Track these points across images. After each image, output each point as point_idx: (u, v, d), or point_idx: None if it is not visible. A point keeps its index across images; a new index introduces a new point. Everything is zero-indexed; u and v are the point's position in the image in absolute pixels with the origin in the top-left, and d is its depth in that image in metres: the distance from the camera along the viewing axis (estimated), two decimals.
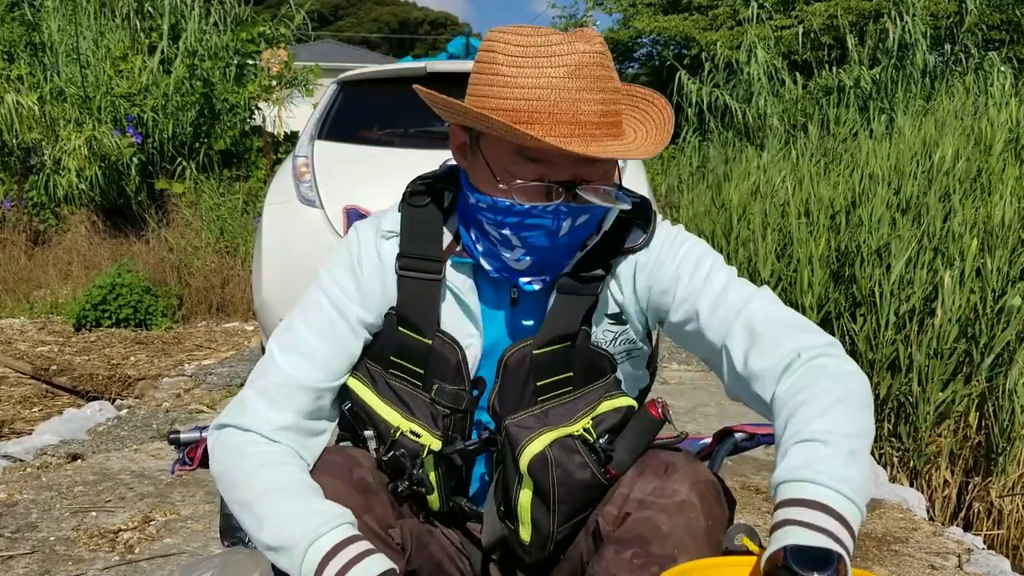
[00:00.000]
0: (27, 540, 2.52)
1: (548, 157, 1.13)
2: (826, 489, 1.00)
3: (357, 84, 4.49)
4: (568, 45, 1.11)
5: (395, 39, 43.51)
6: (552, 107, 1.10)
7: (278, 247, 4.01)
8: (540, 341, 1.24)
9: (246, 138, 9.04)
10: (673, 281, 1.26)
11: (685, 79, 11.41)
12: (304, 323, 1.28)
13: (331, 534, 1.09)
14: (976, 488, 3.77)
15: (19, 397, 4.65)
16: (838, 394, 1.09)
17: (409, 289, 1.26)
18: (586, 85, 1.11)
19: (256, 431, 1.22)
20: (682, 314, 1.25)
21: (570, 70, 1.10)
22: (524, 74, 1.11)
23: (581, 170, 1.15)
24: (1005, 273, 3.99)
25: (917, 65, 9.93)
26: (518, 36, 1.13)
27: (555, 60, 1.10)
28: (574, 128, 1.11)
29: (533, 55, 1.11)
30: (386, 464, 1.26)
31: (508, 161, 1.16)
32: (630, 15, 17.65)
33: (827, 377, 1.11)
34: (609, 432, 1.26)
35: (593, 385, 1.28)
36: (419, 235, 1.27)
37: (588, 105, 1.11)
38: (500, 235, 1.20)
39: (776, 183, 5.91)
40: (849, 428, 1.05)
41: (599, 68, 1.12)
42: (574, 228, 1.19)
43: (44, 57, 8.79)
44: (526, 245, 1.20)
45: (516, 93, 1.11)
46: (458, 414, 1.25)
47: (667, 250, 1.28)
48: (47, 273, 7.69)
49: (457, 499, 1.32)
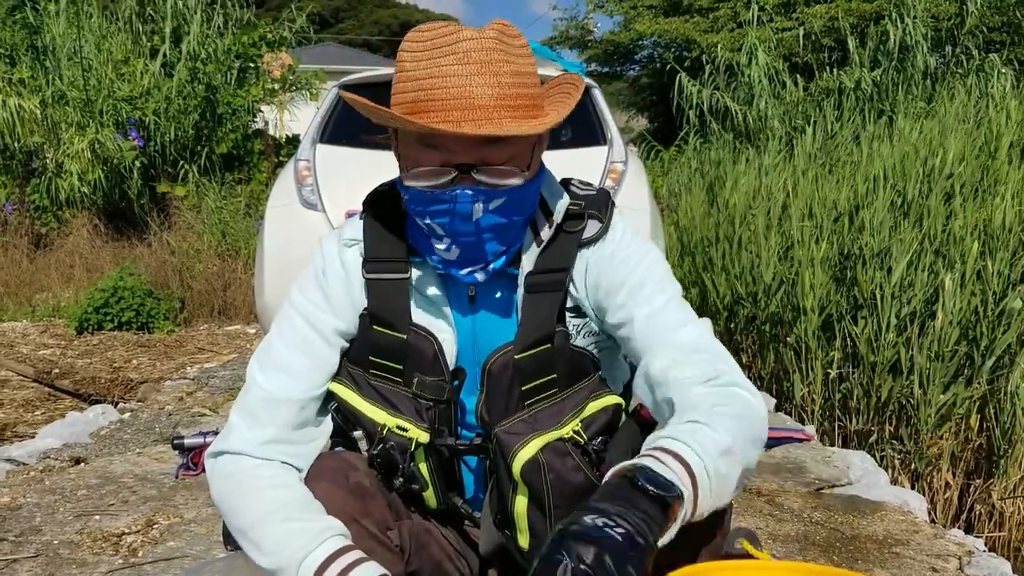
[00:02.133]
0: (31, 543, 2.53)
1: (445, 143, 1.16)
2: (693, 454, 1.02)
3: (358, 88, 4.49)
4: (459, 33, 1.15)
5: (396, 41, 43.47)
6: (444, 94, 1.13)
7: (280, 250, 4.02)
8: (520, 345, 1.25)
9: (248, 141, 9.06)
10: (618, 284, 1.27)
11: (686, 81, 11.41)
12: (280, 340, 1.31)
13: (320, 548, 1.11)
14: (977, 490, 3.77)
15: (21, 400, 4.66)
16: (741, 421, 1.10)
17: (378, 290, 1.29)
18: (476, 70, 1.14)
19: (243, 452, 1.24)
20: (618, 318, 1.26)
21: (459, 57, 1.14)
22: (420, 66, 1.16)
23: (485, 153, 1.17)
24: (1006, 276, 3.99)
25: (918, 67, 9.92)
26: (419, 32, 1.19)
27: (446, 50, 1.14)
28: (467, 112, 1.13)
29: (429, 47, 1.15)
30: (377, 461, 1.27)
31: (415, 151, 1.20)
32: (631, 18, 17.65)
33: (737, 401, 1.13)
34: (600, 433, 1.27)
35: (578, 385, 1.29)
36: (381, 238, 1.30)
37: (480, 88, 1.13)
38: (425, 226, 1.23)
39: (775, 186, 5.91)
40: (736, 436, 1.07)
41: (490, 53, 1.15)
42: (491, 212, 1.20)
43: (46, 60, 8.81)
44: (447, 232, 1.22)
45: (412, 84, 1.16)
46: (441, 404, 1.27)
47: (618, 252, 1.29)
48: (49, 276, 7.69)
49: (453, 497, 1.33)
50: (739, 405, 1.12)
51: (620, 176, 4.21)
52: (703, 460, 1.02)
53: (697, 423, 1.06)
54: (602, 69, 19.97)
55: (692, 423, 1.07)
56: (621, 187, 4.15)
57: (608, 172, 4.20)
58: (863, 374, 4.16)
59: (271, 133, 9.79)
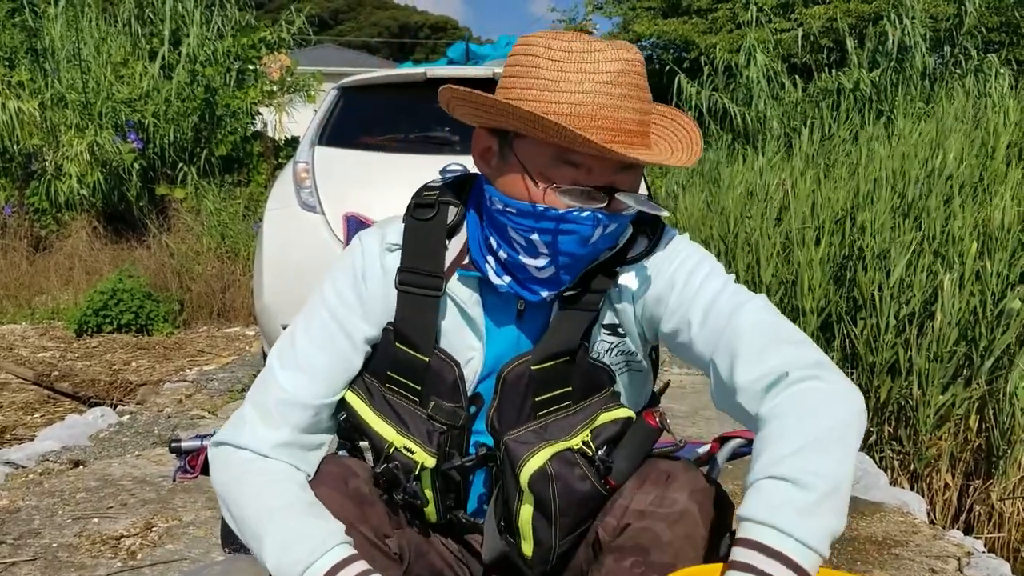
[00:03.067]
0: (30, 546, 2.53)
1: (587, 162, 1.13)
2: (790, 540, 0.99)
3: (357, 90, 4.50)
4: (612, 52, 1.11)
5: (395, 43, 43.55)
6: (594, 111, 1.10)
7: (279, 252, 4.02)
8: (538, 356, 1.23)
9: (247, 143, 9.06)
10: (667, 289, 1.24)
11: (685, 82, 11.42)
12: (306, 337, 1.27)
13: (326, 557, 1.10)
14: (977, 491, 3.77)
15: (21, 403, 4.66)
16: (820, 428, 1.05)
17: (407, 305, 1.25)
18: (627, 92, 1.11)
19: (251, 449, 1.23)
20: (674, 323, 1.24)
21: (613, 76, 1.10)
22: (567, 78, 1.11)
23: (616, 177, 1.15)
24: (1005, 276, 4.00)
25: (917, 67, 9.94)
26: (560, 41, 1.13)
27: (599, 66, 1.10)
28: (615, 134, 1.11)
29: (576, 60, 1.11)
30: (382, 479, 1.26)
31: (544, 165, 1.15)
32: (630, 19, 17.66)
33: (812, 406, 1.08)
34: (608, 443, 1.25)
35: (592, 398, 1.27)
36: (421, 249, 1.26)
37: (628, 113, 1.12)
38: (527, 240, 1.19)
39: (772, 186, 5.91)
40: (826, 466, 1.03)
41: (639, 77, 1.13)
42: (605, 235, 1.19)
43: (45, 63, 8.81)
44: (553, 251, 1.18)
45: (559, 97, 1.10)
46: (454, 431, 1.25)
47: (664, 258, 1.27)
48: (48, 279, 7.69)
49: (455, 513, 1.32)
50: (815, 411, 1.07)
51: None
52: (804, 543, 0.99)
53: (782, 482, 1.02)
54: None
55: (776, 482, 1.02)
56: None
57: None
58: (862, 375, 4.16)
59: (270, 135, 9.79)
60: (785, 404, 1.08)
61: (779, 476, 1.02)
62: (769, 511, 1.01)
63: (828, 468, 1.03)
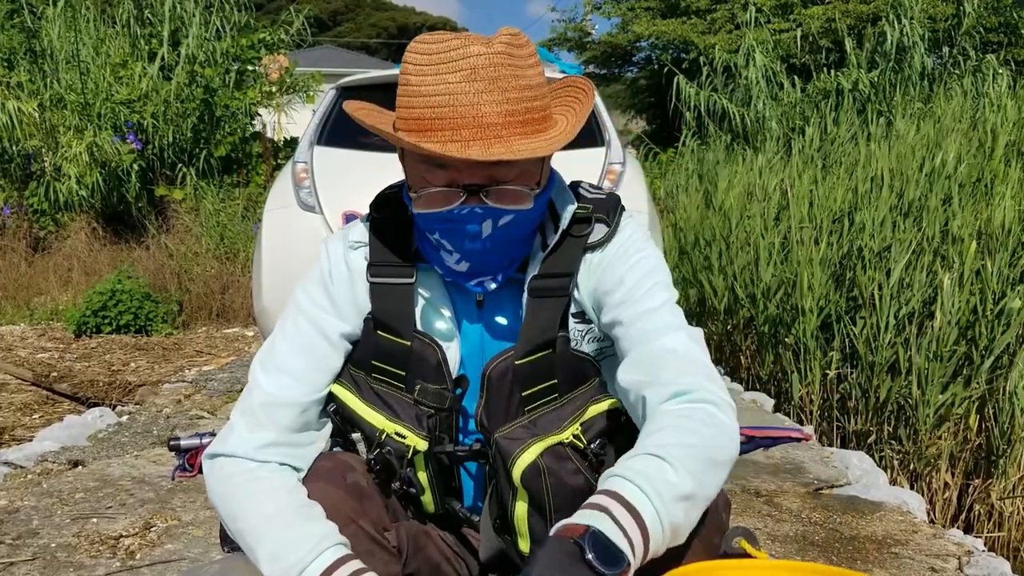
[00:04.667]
0: (28, 547, 2.52)
1: (455, 163, 1.15)
2: (651, 508, 1.01)
3: (356, 90, 4.49)
4: (464, 49, 1.12)
5: (393, 44, 43.56)
6: (452, 112, 1.11)
7: (278, 252, 4.01)
8: (521, 351, 1.24)
9: (246, 144, 9.06)
10: (616, 285, 1.26)
11: (683, 83, 11.42)
12: (284, 342, 1.30)
13: (319, 560, 1.10)
14: (976, 490, 3.77)
15: (20, 404, 4.65)
16: (708, 442, 1.09)
17: (382, 294, 1.28)
18: (484, 87, 1.12)
19: (240, 455, 1.23)
20: (610, 317, 1.25)
21: (466, 74, 1.11)
22: (426, 82, 1.13)
23: (494, 171, 1.16)
24: (1005, 276, 4.00)
25: (915, 68, 9.94)
26: (425, 44, 1.15)
27: (452, 65, 1.12)
28: (477, 131, 1.12)
29: (435, 62, 1.13)
30: (376, 466, 1.27)
31: (422, 169, 1.18)
32: (629, 19, 17.69)
33: (707, 423, 1.11)
34: (599, 436, 1.26)
35: (579, 390, 1.28)
36: (387, 242, 1.30)
37: (489, 107, 1.12)
38: (434, 240, 1.23)
39: (771, 186, 5.91)
40: (701, 475, 1.06)
41: (499, 68, 1.13)
42: (500, 228, 1.20)
43: (44, 64, 8.82)
44: (457, 249, 1.22)
45: (420, 102, 1.13)
46: (442, 413, 1.26)
47: (621, 253, 1.28)
48: (47, 280, 7.69)
49: (452, 502, 1.32)
50: (708, 428, 1.10)
51: (618, 177, 4.21)
52: (659, 513, 1.01)
53: (661, 460, 1.05)
54: (600, 71, 20.01)
55: (655, 458, 1.05)
56: (619, 188, 4.14)
57: (606, 173, 4.20)
58: (861, 374, 4.16)
59: (269, 136, 9.79)
60: (687, 411, 1.11)
61: (664, 458, 1.05)
62: (640, 474, 1.03)
63: (704, 476, 1.06)
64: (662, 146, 12.35)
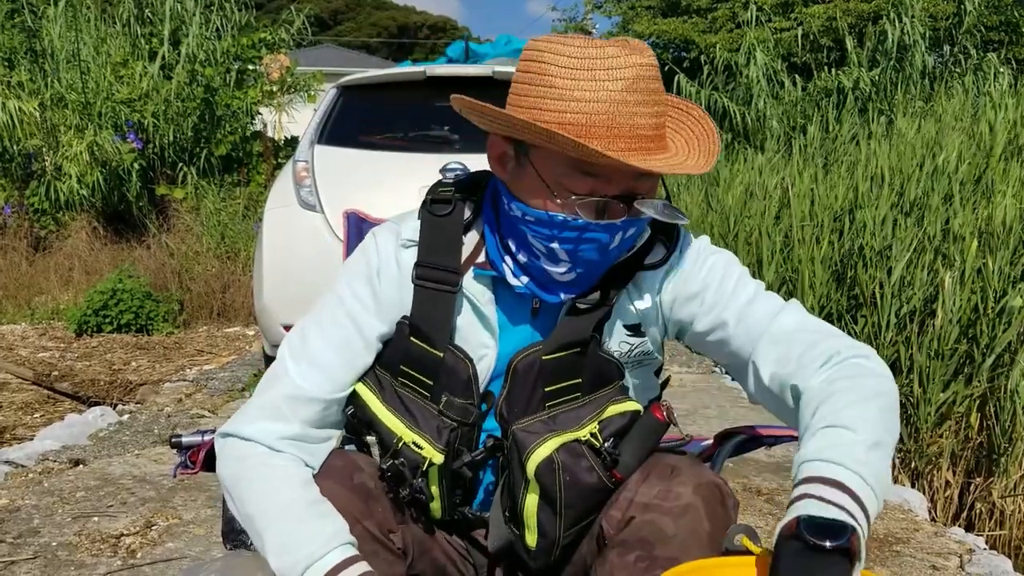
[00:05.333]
0: (29, 545, 2.52)
1: (605, 172, 1.12)
2: (846, 470, 1.01)
3: (357, 89, 4.49)
4: (625, 58, 1.09)
5: (394, 43, 43.55)
6: (610, 120, 1.08)
7: (279, 251, 4.01)
8: (550, 347, 1.23)
9: (247, 143, 9.06)
10: (701, 290, 1.26)
11: (684, 82, 11.42)
12: (319, 333, 1.26)
13: (328, 557, 1.10)
14: (978, 489, 3.77)
15: (20, 403, 4.65)
16: (871, 391, 1.10)
17: (424, 300, 1.25)
18: (643, 99, 1.10)
19: (258, 441, 1.22)
20: (707, 323, 1.26)
21: (628, 83, 1.08)
22: (581, 87, 1.08)
23: (635, 184, 1.14)
24: (1007, 274, 3.99)
25: (916, 66, 9.94)
26: (571, 47, 1.11)
27: (613, 73, 1.08)
28: (631, 142, 1.10)
29: (589, 67, 1.09)
30: (387, 474, 1.26)
31: (561, 174, 1.14)
32: (629, 18, 17.68)
33: (863, 375, 1.12)
34: (615, 436, 1.25)
35: (601, 391, 1.27)
36: (438, 245, 1.26)
37: (644, 119, 1.10)
38: (547, 248, 1.19)
39: (771, 185, 5.91)
40: (877, 423, 1.07)
41: (654, 81, 1.11)
42: (624, 239, 1.19)
43: (45, 63, 8.81)
44: (574, 259, 1.18)
45: (573, 107, 1.08)
46: (465, 427, 1.24)
47: (694, 261, 1.28)
48: (48, 279, 7.69)
49: (460, 509, 1.31)
50: (868, 380, 1.12)
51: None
52: (860, 474, 1.01)
53: (837, 428, 1.05)
54: None
55: (830, 430, 1.05)
56: None
57: None
58: None
59: (270, 135, 9.78)
60: (840, 372, 1.13)
61: (837, 424, 1.06)
62: (823, 449, 1.04)
63: (881, 422, 1.08)
64: None
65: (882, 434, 1.06)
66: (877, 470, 1.03)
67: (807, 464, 1.04)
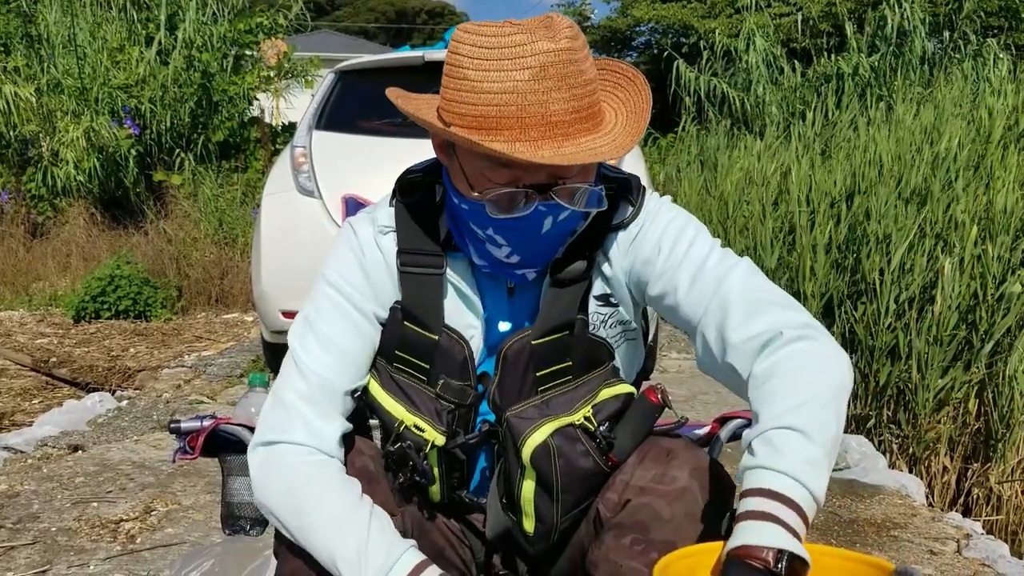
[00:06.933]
0: (29, 531, 2.53)
1: (521, 163, 1.11)
2: (801, 488, 1.00)
3: (355, 74, 4.47)
4: (532, 45, 1.06)
5: (392, 29, 43.37)
6: (520, 111, 1.06)
7: (277, 237, 4.01)
8: (538, 331, 1.23)
9: (244, 129, 9.03)
10: (654, 252, 1.23)
11: (683, 67, 11.38)
12: (327, 325, 1.25)
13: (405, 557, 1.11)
14: (975, 474, 3.78)
15: (19, 389, 4.65)
16: (819, 385, 1.07)
17: (412, 285, 1.25)
18: (553, 85, 1.07)
19: (312, 445, 1.19)
20: (661, 287, 1.22)
21: (535, 72, 1.06)
22: (489, 78, 1.07)
23: (558, 170, 1.12)
24: (1006, 260, 3.99)
25: (916, 52, 9.90)
26: (481, 36, 1.09)
27: (519, 62, 1.06)
28: (545, 130, 1.07)
29: (497, 57, 1.07)
30: (392, 457, 1.26)
31: (482, 166, 1.13)
32: (628, 3, 17.61)
33: (808, 365, 1.09)
34: (609, 419, 1.25)
35: (592, 373, 1.27)
36: (417, 230, 1.25)
37: (557, 104, 1.07)
38: (485, 234, 1.19)
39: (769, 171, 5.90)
40: (828, 424, 1.04)
41: (566, 65, 1.08)
42: (558, 222, 1.17)
43: (41, 49, 8.77)
44: (511, 243, 1.18)
45: (483, 99, 1.07)
46: (462, 409, 1.25)
47: (650, 222, 1.25)
48: (46, 265, 7.68)
49: (458, 492, 1.32)
50: (808, 369, 1.08)
51: (618, 163, 4.20)
52: (814, 494, 1.01)
53: (791, 431, 1.03)
54: (599, 56, 19.93)
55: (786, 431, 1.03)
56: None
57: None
58: (861, 359, 4.16)
59: (267, 121, 9.75)
60: (782, 362, 1.09)
61: (788, 426, 1.03)
62: (782, 460, 1.01)
63: (831, 424, 1.05)
64: (662, 131, 12.30)
65: (833, 438, 1.04)
66: (825, 481, 1.03)
67: (763, 472, 1.02)
